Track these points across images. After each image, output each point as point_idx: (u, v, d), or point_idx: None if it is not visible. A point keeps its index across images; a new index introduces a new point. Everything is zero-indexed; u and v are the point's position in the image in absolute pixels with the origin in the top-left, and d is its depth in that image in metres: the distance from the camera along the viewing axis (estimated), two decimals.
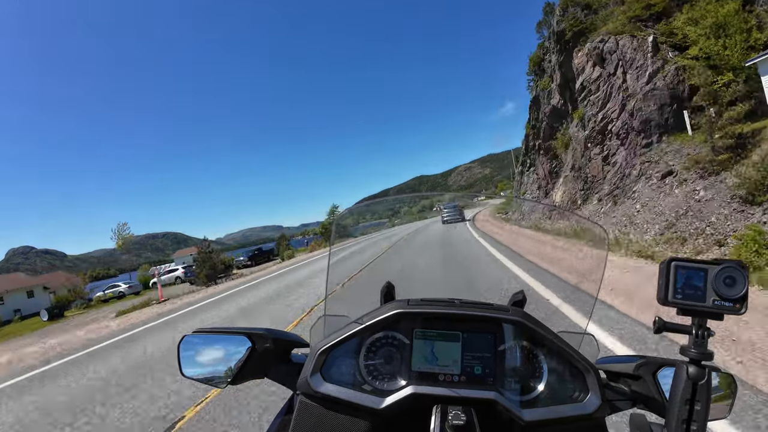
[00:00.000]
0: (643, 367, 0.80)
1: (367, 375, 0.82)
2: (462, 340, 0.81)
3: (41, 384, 6.76)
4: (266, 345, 0.87)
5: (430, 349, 0.81)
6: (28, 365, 8.89)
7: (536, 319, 0.83)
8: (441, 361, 0.80)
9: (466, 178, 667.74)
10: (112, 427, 4.11)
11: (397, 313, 0.82)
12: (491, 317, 0.81)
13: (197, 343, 0.91)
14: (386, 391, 0.79)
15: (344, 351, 0.84)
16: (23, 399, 6.02)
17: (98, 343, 9.78)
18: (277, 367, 0.91)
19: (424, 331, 0.82)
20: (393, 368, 0.82)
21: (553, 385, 0.80)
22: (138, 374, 5.83)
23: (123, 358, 7.32)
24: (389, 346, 0.84)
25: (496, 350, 0.81)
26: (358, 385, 0.81)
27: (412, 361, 0.81)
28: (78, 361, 8.06)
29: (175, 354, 0.92)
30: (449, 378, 0.79)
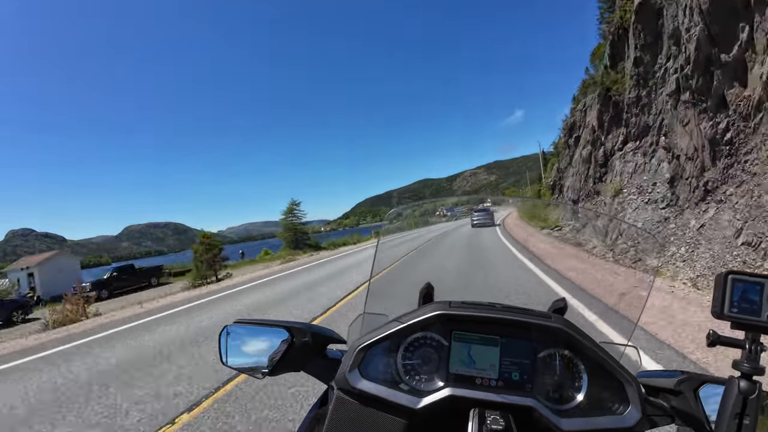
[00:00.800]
0: (685, 383, 0.78)
1: (404, 374, 0.82)
2: (501, 345, 0.80)
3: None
4: (305, 339, 0.89)
5: (467, 352, 0.81)
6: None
7: (578, 327, 0.81)
8: (479, 365, 0.80)
9: (471, 183, 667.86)
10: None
11: (439, 314, 0.81)
12: (532, 323, 0.80)
13: (238, 332, 0.94)
14: (423, 391, 0.79)
15: (382, 349, 0.83)
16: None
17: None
18: (313, 361, 0.92)
19: (463, 334, 0.82)
20: (430, 369, 0.82)
21: (593, 395, 0.78)
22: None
23: None
24: (427, 346, 0.83)
25: (536, 357, 0.80)
26: (395, 384, 0.80)
27: (450, 363, 0.80)
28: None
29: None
30: (486, 382, 0.78)
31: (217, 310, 9.26)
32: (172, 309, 10.39)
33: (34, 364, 6.46)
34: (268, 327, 0.92)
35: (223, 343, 0.94)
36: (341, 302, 7.83)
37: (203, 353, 5.45)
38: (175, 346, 6.16)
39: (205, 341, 6.11)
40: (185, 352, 5.70)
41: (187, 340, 6.45)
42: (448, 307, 0.83)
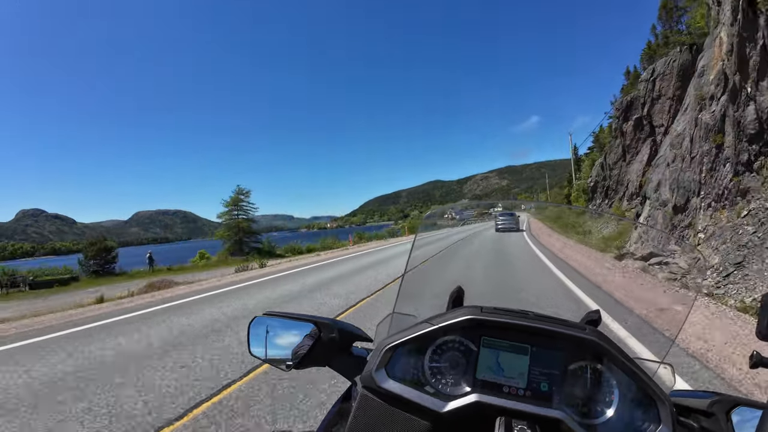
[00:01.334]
0: (717, 404, 0.77)
1: (430, 377, 0.80)
2: (531, 354, 0.78)
3: None
4: (332, 335, 0.91)
5: (496, 359, 0.79)
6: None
7: (612, 340, 0.79)
8: (507, 373, 0.78)
9: (483, 187, 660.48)
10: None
11: (470, 319, 0.80)
12: (566, 334, 0.77)
13: (266, 324, 0.97)
14: (449, 395, 0.77)
15: (410, 350, 0.82)
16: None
17: None
18: (339, 358, 0.93)
19: (492, 340, 0.80)
20: (457, 373, 0.80)
21: (623, 412, 0.75)
22: None
23: None
24: (455, 350, 0.82)
25: (566, 369, 0.78)
26: (421, 386, 0.79)
27: (477, 368, 0.79)
28: None
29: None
30: (514, 391, 0.76)
31: None
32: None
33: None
34: (296, 321, 0.95)
35: (252, 333, 0.97)
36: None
37: None
38: None
39: None
40: None
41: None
42: (480, 313, 0.81)
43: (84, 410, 3.46)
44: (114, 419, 3.23)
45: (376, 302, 7.30)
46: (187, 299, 9.38)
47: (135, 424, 3.13)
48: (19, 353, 5.56)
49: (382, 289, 8.58)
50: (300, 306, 7.55)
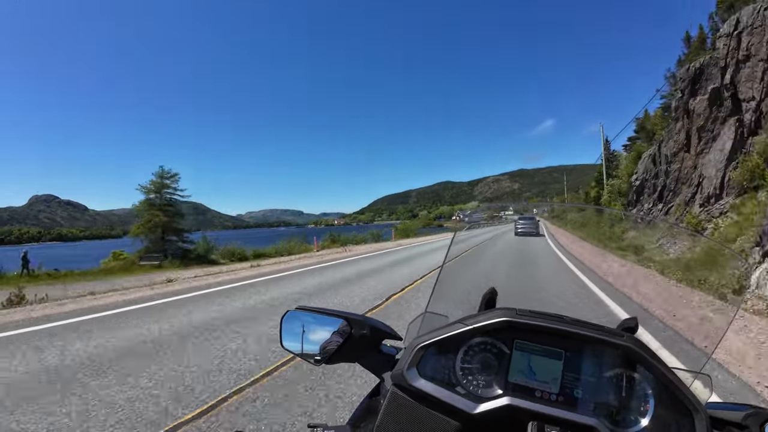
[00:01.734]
0: (752, 417, 0.76)
1: (461, 377, 0.80)
2: (565, 359, 0.77)
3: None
4: (363, 331, 0.90)
5: (528, 363, 0.78)
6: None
7: (650, 349, 0.76)
8: (539, 377, 0.77)
9: (494, 190, 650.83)
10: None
11: (504, 321, 0.78)
12: (603, 340, 0.75)
13: (299, 318, 0.98)
14: (480, 397, 0.77)
15: (442, 350, 0.82)
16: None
17: None
18: (368, 354, 0.93)
19: (525, 344, 0.79)
20: (488, 375, 0.79)
21: (658, 422, 0.74)
22: None
23: None
24: (487, 352, 0.81)
25: (601, 375, 0.76)
26: (452, 386, 0.78)
27: (510, 371, 0.78)
28: None
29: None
30: (547, 396, 0.75)
31: None
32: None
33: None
34: (328, 316, 0.95)
35: (284, 327, 0.99)
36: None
37: None
38: None
39: None
40: None
41: None
42: (515, 315, 0.79)
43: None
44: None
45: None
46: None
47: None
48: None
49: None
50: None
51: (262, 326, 5.57)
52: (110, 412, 3.11)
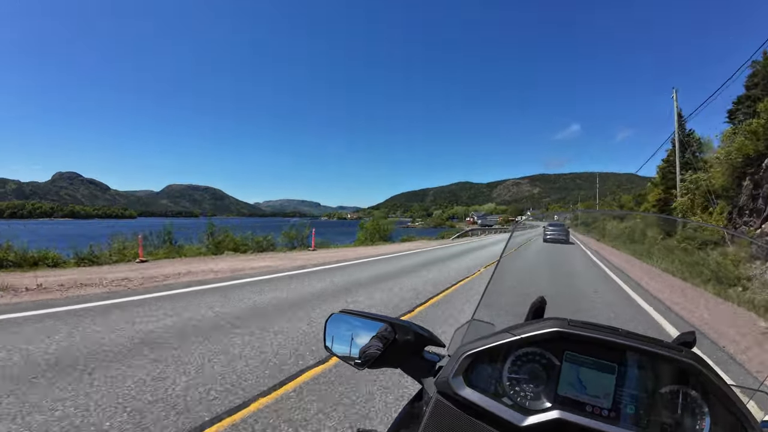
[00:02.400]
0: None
1: (508, 388, 0.78)
2: (618, 373, 0.74)
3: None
4: (407, 337, 0.90)
5: (579, 376, 0.75)
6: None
7: (710, 364, 0.74)
8: (590, 391, 0.74)
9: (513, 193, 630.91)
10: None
11: (555, 331, 0.76)
12: (662, 355, 0.72)
13: (343, 321, 0.99)
14: (528, 409, 0.74)
15: (489, 359, 0.80)
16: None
17: None
18: (411, 360, 0.92)
19: (576, 356, 0.76)
20: (537, 387, 0.77)
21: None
22: None
23: None
24: (536, 363, 0.78)
25: (655, 391, 0.73)
26: (498, 397, 0.77)
27: (559, 384, 0.76)
28: None
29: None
30: (598, 411, 0.72)
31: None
32: None
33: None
34: (371, 320, 0.95)
35: (328, 330, 1.00)
36: None
37: None
38: None
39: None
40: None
41: None
42: (567, 325, 0.76)
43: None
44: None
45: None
46: None
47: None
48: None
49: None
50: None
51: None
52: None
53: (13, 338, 4.32)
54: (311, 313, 5.72)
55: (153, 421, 2.71)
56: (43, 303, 6.01)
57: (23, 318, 5.15)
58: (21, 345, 4.09)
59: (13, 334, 4.46)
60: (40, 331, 4.57)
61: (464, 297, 7.37)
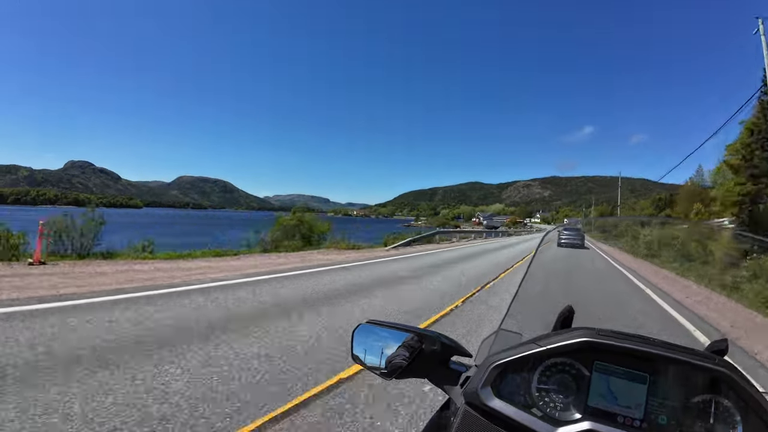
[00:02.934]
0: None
1: (538, 399, 0.77)
2: (649, 383, 0.73)
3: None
4: (434, 347, 0.91)
5: (610, 386, 0.75)
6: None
7: (743, 373, 0.74)
8: (621, 402, 0.73)
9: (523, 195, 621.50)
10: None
11: (585, 341, 0.75)
12: (694, 364, 0.72)
13: (370, 331, 0.99)
14: (558, 420, 0.74)
15: (517, 369, 0.80)
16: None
17: None
18: (438, 370, 0.92)
19: (606, 366, 0.76)
20: (566, 398, 0.76)
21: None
22: None
23: None
24: (565, 373, 0.78)
25: (687, 401, 0.72)
26: (528, 408, 0.76)
27: (590, 395, 0.75)
28: None
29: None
30: (630, 422, 0.72)
31: None
32: None
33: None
34: (398, 330, 0.95)
35: (355, 340, 0.99)
36: None
37: None
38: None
39: None
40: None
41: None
42: (596, 335, 0.76)
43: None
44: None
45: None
46: None
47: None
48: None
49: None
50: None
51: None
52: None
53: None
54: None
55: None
56: None
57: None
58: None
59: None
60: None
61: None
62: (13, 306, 5.21)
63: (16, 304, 5.35)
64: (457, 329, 5.65)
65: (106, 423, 2.67)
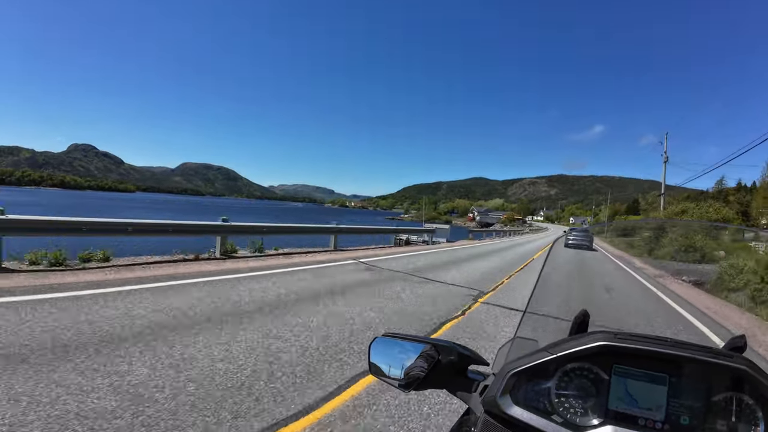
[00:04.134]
0: None
1: (557, 405, 0.76)
2: (669, 384, 0.73)
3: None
4: (451, 358, 0.90)
5: (629, 389, 0.74)
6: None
7: (762, 369, 0.73)
8: (642, 404, 0.73)
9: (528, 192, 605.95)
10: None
11: (603, 345, 0.74)
12: (713, 362, 0.71)
13: (386, 344, 0.98)
14: (579, 426, 0.73)
15: (535, 376, 0.78)
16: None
17: None
18: (455, 380, 0.92)
19: (625, 369, 0.75)
20: (586, 403, 0.75)
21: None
22: None
23: None
24: (584, 378, 0.77)
25: (708, 400, 0.72)
26: (548, 414, 0.75)
27: (609, 398, 0.74)
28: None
29: None
30: (651, 424, 0.71)
31: None
32: None
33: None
34: (414, 342, 0.94)
35: (372, 353, 0.98)
36: None
37: None
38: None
39: None
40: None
41: None
42: (614, 338, 0.75)
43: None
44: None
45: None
46: None
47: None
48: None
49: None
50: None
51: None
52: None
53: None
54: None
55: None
56: None
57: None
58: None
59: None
60: None
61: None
62: None
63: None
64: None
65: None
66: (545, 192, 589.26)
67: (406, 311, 5.91)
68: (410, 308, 6.10)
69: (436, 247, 18.91)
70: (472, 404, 0.86)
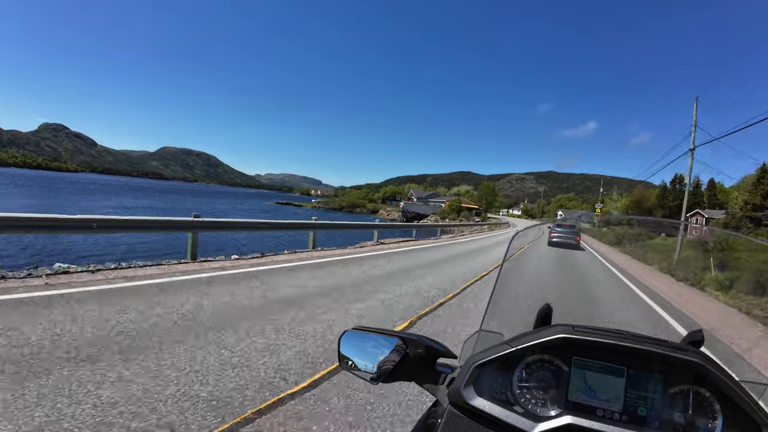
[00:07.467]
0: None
1: (519, 396, 0.80)
2: (627, 376, 0.75)
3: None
4: (418, 350, 0.91)
5: (588, 380, 0.77)
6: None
7: (718, 363, 0.75)
8: (601, 395, 0.76)
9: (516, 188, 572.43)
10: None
11: (562, 338, 0.77)
12: (668, 356, 0.74)
13: (356, 338, 0.99)
14: (539, 416, 0.76)
15: (498, 368, 0.82)
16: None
17: None
18: (424, 373, 0.93)
19: (585, 361, 0.78)
20: (547, 394, 0.78)
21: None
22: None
23: None
24: (545, 370, 0.80)
25: (666, 392, 0.75)
26: (509, 405, 0.78)
27: (569, 390, 0.77)
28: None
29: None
30: (609, 414, 0.74)
31: None
32: None
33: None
34: (383, 336, 0.96)
35: (342, 346, 0.99)
36: None
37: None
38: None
39: None
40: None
41: None
42: (572, 331, 0.78)
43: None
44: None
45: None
46: None
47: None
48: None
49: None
50: None
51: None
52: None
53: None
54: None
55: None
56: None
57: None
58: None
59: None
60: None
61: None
62: None
63: None
64: None
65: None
66: (533, 188, 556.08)
67: None
68: None
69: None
70: (439, 396, 0.87)
